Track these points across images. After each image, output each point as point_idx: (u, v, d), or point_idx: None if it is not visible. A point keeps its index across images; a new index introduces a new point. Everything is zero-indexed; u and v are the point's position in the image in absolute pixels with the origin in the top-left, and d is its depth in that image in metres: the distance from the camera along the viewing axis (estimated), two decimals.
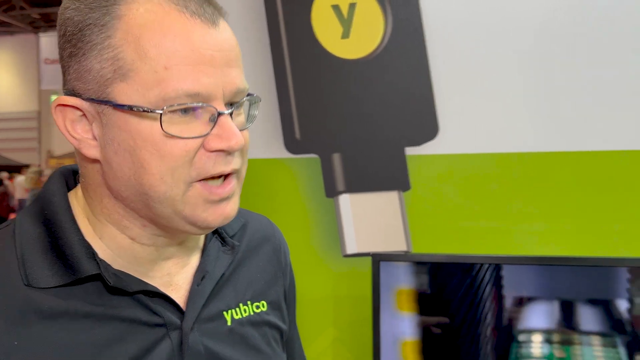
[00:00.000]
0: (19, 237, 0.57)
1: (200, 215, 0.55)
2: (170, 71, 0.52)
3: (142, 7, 0.53)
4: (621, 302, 1.09)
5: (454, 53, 1.30)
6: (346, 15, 1.34)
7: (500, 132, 1.28)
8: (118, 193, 0.56)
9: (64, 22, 0.55)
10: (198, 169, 0.54)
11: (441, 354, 1.15)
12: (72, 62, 0.54)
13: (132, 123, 0.53)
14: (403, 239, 1.32)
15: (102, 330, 0.55)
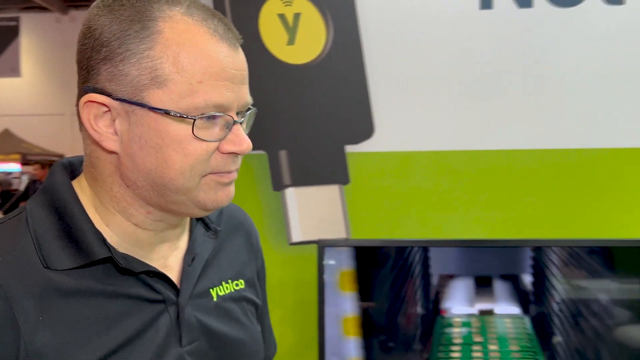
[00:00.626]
0: (32, 225, 0.63)
1: (212, 197, 0.65)
2: (202, 85, 0.61)
3: (179, 26, 0.61)
4: (526, 277, 1.29)
5: (389, 60, 1.46)
6: (291, 23, 1.46)
7: (429, 133, 1.45)
8: (134, 183, 0.64)
9: (98, 28, 0.62)
10: (212, 166, 0.64)
11: (377, 327, 1.31)
12: (105, 64, 0.62)
13: (163, 124, 0.61)
14: (343, 227, 1.46)
15: (113, 306, 0.63)
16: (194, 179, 0.63)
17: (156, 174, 0.63)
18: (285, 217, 1.48)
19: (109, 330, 0.62)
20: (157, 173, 0.63)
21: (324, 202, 1.47)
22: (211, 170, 0.64)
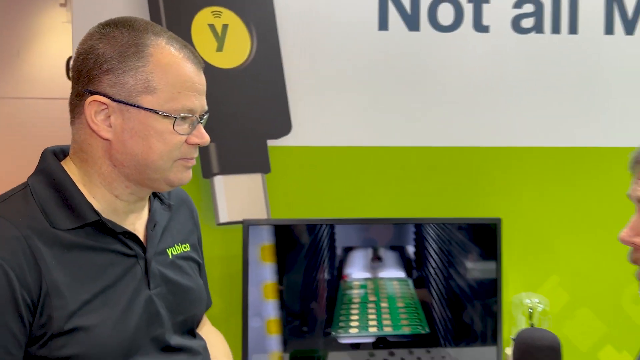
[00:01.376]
0: (36, 197, 0.83)
1: (179, 176, 0.88)
2: (180, 94, 0.85)
3: (164, 52, 0.85)
4: (409, 248, 1.63)
5: (304, 67, 1.71)
6: (220, 33, 1.68)
7: (338, 130, 1.73)
8: (120, 163, 0.85)
9: (100, 48, 0.83)
10: (182, 153, 0.87)
11: (292, 291, 1.58)
12: (107, 75, 0.83)
13: (151, 120, 0.84)
14: (264, 209, 1.71)
15: (101, 257, 0.84)
16: (169, 162, 0.87)
17: (141, 157, 0.85)
18: (214, 200, 1.71)
19: (99, 274, 0.84)
20: (142, 156, 0.85)
21: (248, 188, 1.71)
22: (180, 156, 0.88)
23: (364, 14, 1.71)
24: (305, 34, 1.70)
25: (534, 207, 1.76)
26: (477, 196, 1.75)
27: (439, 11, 1.72)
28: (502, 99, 1.75)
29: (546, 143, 1.76)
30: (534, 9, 1.75)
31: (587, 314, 1.80)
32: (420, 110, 1.74)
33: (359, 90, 1.73)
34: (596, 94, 1.77)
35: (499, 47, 1.75)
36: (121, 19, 0.89)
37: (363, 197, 1.73)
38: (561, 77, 1.77)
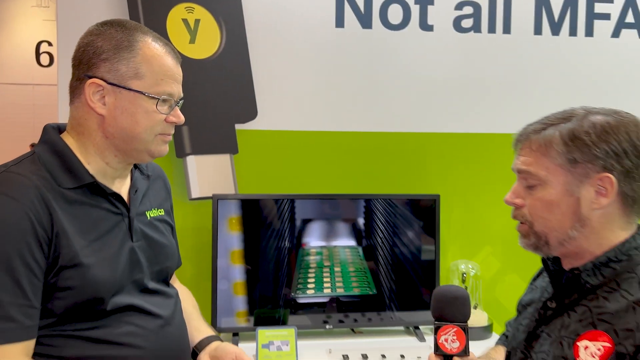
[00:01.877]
0: (43, 161, 1.02)
1: (158, 149, 1.09)
2: (163, 80, 1.05)
3: (151, 47, 1.05)
4: (360, 220, 1.85)
5: (268, 58, 1.89)
6: (193, 27, 1.85)
7: (299, 116, 1.92)
8: (112, 135, 1.04)
9: (99, 42, 1.02)
10: (162, 129, 1.08)
11: (256, 258, 1.79)
12: (105, 63, 1.02)
13: (139, 100, 1.04)
14: (232, 185, 1.91)
15: (94, 213, 1.04)
16: (151, 135, 1.07)
17: (129, 130, 1.05)
18: (186, 178, 1.89)
19: (94, 226, 1.04)
20: (129, 129, 1.05)
21: (218, 167, 1.90)
22: (160, 132, 1.08)
23: (323, 12, 1.91)
24: (270, 29, 1.89)
25: (469, 185, 2.01)
26: (419, 175, 1.98)
27: (389, 11, 1.93)
28: (443, 90, 1.98)
29: (479, 130, 2.00)
30: (473, 10, 1.98)
31: (514, 279, 2.05)
32: (371, 100, 1.95)
33: (317, 80, 1.93)
34: (524, 88, 2.01)
35: (442, 44, 1.97)
36: (116, 20, 1.08)
37: (320, 175, 1.94)
38: (494, 73, 2.00)
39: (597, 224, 0.94)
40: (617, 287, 0.91)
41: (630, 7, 2.03)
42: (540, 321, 1.00)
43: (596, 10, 2.02)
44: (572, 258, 0.98)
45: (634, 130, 0.93)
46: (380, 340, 1.81)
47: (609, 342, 0.86)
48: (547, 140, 0.95)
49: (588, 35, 2.03)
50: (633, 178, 0.92)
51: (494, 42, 1.99)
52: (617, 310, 0.88)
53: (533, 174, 0.96)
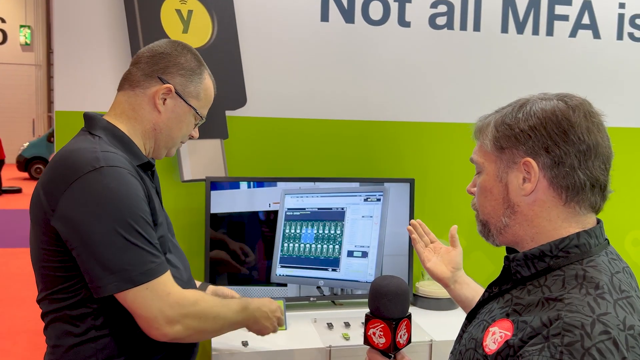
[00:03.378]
0: (112, 143, 1.18)
1: (172, 151, 1.33)
2: (206, 106, 1.34)
3: (209, 80, 1.33)
4: (341, 200, 2.01)
5: (257, 49, 2.01)
6: (186, 17, 1.95)
7: (286, 104, 2.06)
8: (159, 129, 1.27)
9: (179, 58, 1.27)
10: (183, 137, 1.30)
11: (241, 236, 1.93)
12: (181, 77, 1.26)
13: (188, 114, 1.30)
14: (222, 168, 2.03)
15: (148, 184, 1.20)
16: (178, 141, 1.30)
17: (172, 130, 1.28)
18: (179, 162, 2.01)
19: (152, 194, 1.21)
20: (172, 130, 1.28)
21: (209, 151, 2.02)
22: (182, 140, 1.31)
23: (309, 7, 2.03)
24: (259, 21, 2.00)
25: (440, 170, 2.19)
26: (396, 161, 2.15)
27: (370, 7, 2.08)
28: (419, 82, 2.15)
29: (451, 119, 2.18)
30: (447, 9, 2.14)
31: (479, 256, 2.27)
32: (353, 90, 2.10)
33: (303, 71, 2.06)
34: (491, 81, 2.20)
35: (418, 40, 2.13)
36: (191, 48, 1.32)
37: (305, 159, 2.09)
38: (465, 67, 2.18)
39: (528, 212, 0.90)
40: (544, 282, 0.86)
41: (586, 9, 2.24)
42: (480, 303, 0.99)
43: (556, 12, 2.22)
44: (518, 247, 0.95)
45: (567, 114, 0.87)
46: (359, 310, 1.99)
47: (509, 332, 0.83)
48: (484, 128, 0.95)
49: (549, 35, 2.23)
50: (563, 164, 0.86)
51: (465, 38, 2.17)
52: (529, 304, 0.84)
53: (475, 162, 0.97)
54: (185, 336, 1.15)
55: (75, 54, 1.89)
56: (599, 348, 0.72)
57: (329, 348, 1.67)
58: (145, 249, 1.11)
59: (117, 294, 1.09)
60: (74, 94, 1.90)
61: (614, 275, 0.84)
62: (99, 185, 1.08)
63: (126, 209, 1.10)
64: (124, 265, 1.08)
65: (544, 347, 0.75)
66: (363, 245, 2.01)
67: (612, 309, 0.78)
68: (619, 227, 2.39)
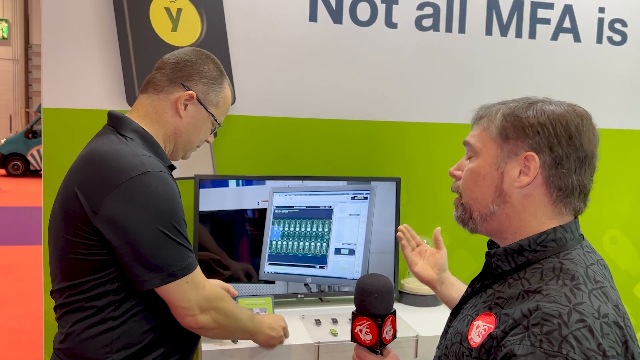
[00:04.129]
0: (144, 146, 1.23)
1: (188, 154, 1.40)
2: (223, 115, 1.41)
3: (228, 90, 1.40)
4: (328, 198, 2.04)
5: (246, 48, 2.03)
6: (175, 15, 1.95)
7: (275, 103, 2.08)
8: (180, 132, 1.33)
9: (202, 66, 1.33)
10: (200, 142, 1.40)
11: (231, 234, 1.95)
12: (203, 85, 1.33)
13: (207, 120, 1.37)
14: (211, 167, 2.04)
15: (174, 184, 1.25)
16: (195, 145, 1.37)
17: (191, 135, 1.37)
18: None
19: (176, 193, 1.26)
20: (191, 134, 1.37)
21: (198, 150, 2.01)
22: (199, 144, 1.36)
23: (297, 7, 2.05)
24: (248, 21, 2.01)
25: (426, 169, 2.24)
26: (383, 160, 2.19)
27: (358, 8, 2.10)
28: (405, 83, 2.18)
29: (436, 119, 2.22)
30: (433, 11, 2.18)
31: (463, 254, 2.31)
32: (341, 90, 2.13)
33: (291, 70, 2.08)
34: (476, 82, 2.25)
35: (405, 40, 2.16)
36: (214, 58, 1.39)
37: (293, 158, 2.11)
38: (451, 68, 2.22)
39: (518, 204, 0.92)
40: (523, 276, 0.89)
41: (567, 13, 2.30)
42: (464, 299, 1.01)
43: (539, 16, 2.28)
44: (499, 238, 0.98)
45: (576, 122, 0.91)
46: (347, 307, 2.02)
47: (492, 325, 0.86)
48: (491, 116, 0.96)
49: (531, 37, 2.28)
50: (562, 166, 0.90)
51: (451, 40, 2.21)
52: (510, 297, 0.87)
53: (472, 146, 0.98)
54: (210, 327, 1.27)
55: (63, 50, 1.88)
56: (575, 335, 0.76)
57: (317, 344, 1.69)
58: (185, 245, 1.22)
59: (160, 287, 1.20)
60: (61, 90, 1.89)
61: (589, 267, 0.88)
62: (147, 188, 1.17)
63: (170, 210, 1.20)
64: (168, 261, 1.19)
65: (525, 337, 0.79)
66: (350, 243, 2.04)
67: (588, 299, 0.82)
68: (598, 226, 2.46)
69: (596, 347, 0.76)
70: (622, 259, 2.50)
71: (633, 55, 2.39)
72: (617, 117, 2.42)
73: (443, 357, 0.97)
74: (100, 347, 1.20)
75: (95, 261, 1.19)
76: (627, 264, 2.51)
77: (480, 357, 0.86)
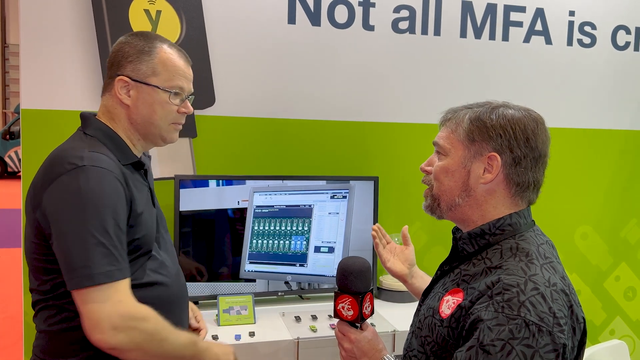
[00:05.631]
0: (103, 143, 1.20)
1: (170, 136, 1.29)
2: (175, 77, 1.27)
3: (165, 51, 1.27)
4: (307, 197, 2.07)
5: (225, 50, 2.05)
6: (154, 17, 1.97)
7: (254, 104, 2.10)
8: (135, 122, 1.26)
9: (126, 48, 1.25)
10: (174, 118, 1.29)
11: (211, 233, 1.97)
12: (130, 64, 1.24)
13: (154, 94, 1.25)
14: (191, 167, 2.06)
15: (137, 183, 1.22)
16: (165, 123, 1.28)
17: (148, 117, 1.27)
18: None
19: (139, 193, 1.23)
20: (148, 117, 1.27)
21: (178, 150, 2.04)
22: (172, 121, 1.29)
23: (276, 9, 2.08)
24: (227, 23, 2.04)
25: (403, 168, 2.28)
26: (361, 159, 2.23)
27: (336, 11, 2.14)
28: (381, 84, 2.23)
29: (412, 120, 2.27)
30: (409, 14, 2.23)
31: (440, 250, 2.37)
32: (319, 91, 2.16)
33: (270, 71, 2.11)
34: (452, 83, 2.31)
35: (381, 43, 2.21)
36: (141, 32, 1.31)
37: (273, 158, 2.14)
38: (426, 70, 2.28)
39: (480, 198, 1.04)
40: (485, 256, 1.01)
41: (539, 17, 2.37)
42: (434, 280, 1.14)
43: (511, 19, 2.34)
44: (463, 225, 1.09)
45: (532, 126, 1.03)
46: (326, 304, 2.06)
47: (460, 298, 0.99)
48: (458, 120, 1.07)
49: (504, 40, 2.35)
50: (520, 165, 1.02)
51: (426, 42, 2.26)
52: (475, 273, 1.00)
53: (441, 146, 1.09)
54: (125, 349, 1.11)
55: (42, 51, 1.88)
56: (531, 301, 0.91)
57: (297, 340, 1.73)
58: (111, 250, 1.11)
59: (75, 291, 1.10)
60: (40, 91, 1.89)
61: (540, 246, 1.03)
62: (78, 183, 1.11)
63: (100, 208, 1.12)
64: (86, 263, 1.09)
65: (489, 304, 0.92)
66: (330, 241, 2.08)
67: (540, 271, 0.96)
68: (569, 223, 2.54)
69: (547, 310, 0.90)
70: (592, 254, 2.58)
71: (602, 57, 2.47)
72: (587, 117, 2.50)
73: (417, 331, 1.09)
74: (69, 344, 1.18)
75: (52, 260, 1.15)
76: (598, 259, 2.59)
77: (450, 326, 0.98)
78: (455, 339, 0.97)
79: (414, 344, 1.09)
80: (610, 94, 2.51)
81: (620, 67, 2.50)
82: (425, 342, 1.04)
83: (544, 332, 0.88)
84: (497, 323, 0.89)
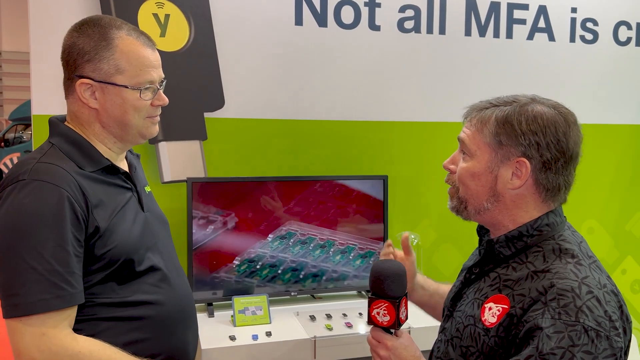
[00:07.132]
0: (64, 151, 1.12)
1: (148, 130, 1.21)
2: (142, 70, 1.15)
3: (125, 42, 1.14)
4: (320, 198, 2.08)
5: (234, 52, 2.05)
6: (163, 21, 1.98)
7: (263, 106, 2.11)
8: (107, 124, 1.16)
9: (79, 44, 1.12)
10: (148, 112, 1.19)
11: (224, 235, 1.98)
12: (88, 63, 1.11)
13: (123, 93, 1.14)
14: (202, 169, 2.07)
15: (112, 189, 1.15)
16: (140, 120, 1.19)
17: (120, 119, 1.17)
18: (159, 163, 2.03)
19: (114, 200, 1.16)
20: (120, 118, 1.17)
21: (188, 152, 2.05)
22: (147, 115, 1.20)
23: (283, 11, 2.10)
24: (235, 25, 2.05)
25: (412, 167, 2.30)
26: (370, 159, 2.24)
27: (342, 12, 2.16)
28: (388, 83, 2.24)
29: (420, 118, 2.29)
30: (414, 13, 2.25)
31: (449, 248, 2.39)
32: (327, 91, 2.18)
33: (278, 73, 2.12)
34: (457, 81, 2.32)
35: (388, 42, 2.23)
36: (92, 19, 1.17)
37: (281, 159, 2.15)
38: (433, 68, 2.29)
39: (510, 203, 1.00)
40: (525, 259, 0.98)
41: (542, 14, 2.40)
42: (464, 284, 1.09)
43: (515, 16, 2.36)
44: (492, 228, 1.06)
45: (563, 127, 0.98)
46: (339, 303, 2.07)
47: (507, 305, 0.94)
48: (484, 119, 1.01)
49: (508, 37, 2.37)
50: (549, 169, 0.98)
51: (432, 41, 2.28)
52: (519, 278, 0.95)
53: (467, 146, 1.04)
54: None
55: (52, 57, 1.88)
56: (587, 305, 0.88)
57: (314, 338, 1.74)
58: (46, 276, 1.01)
59: (5, 319, 1.01)
60: (51, 97, 1.89)
61: (580, 244, 1.00)
62: (14, 200, 1.04)
63: (36, 230, 1.01)
64: (16, 290, 1.00)
65: (545, 311, 0.89)
66: None
67: (590, 272, 0.93)
68: (575, 217, 2.55)
69: (603, 313, 0.88)
70: (599, 248, 2.60)
71: (604, 53, 2.50)
72: (590, 113, 2.52)
73: (455, 340, 1.04)
74: None
75: None
76: (604, 253, 2.61)
77: (498, 335, 0.94)
78: (505, 347, 0.93)
79: (451, 353, 1.04)
80: (613, 89, 2.53)
81: (622, 62, 2.52)
82: (468, 353, 0.99)
83: (602, 337, 0.86)
84: (556, 330, 0.86)
